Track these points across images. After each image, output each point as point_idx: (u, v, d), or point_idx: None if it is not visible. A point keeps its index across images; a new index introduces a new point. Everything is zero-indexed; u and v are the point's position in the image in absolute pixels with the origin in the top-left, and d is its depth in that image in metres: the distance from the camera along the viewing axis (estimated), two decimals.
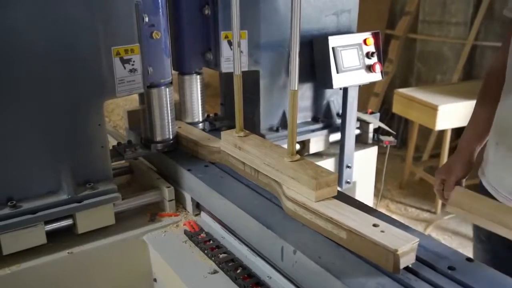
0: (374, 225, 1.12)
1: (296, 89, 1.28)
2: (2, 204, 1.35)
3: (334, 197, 1.28)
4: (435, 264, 1.09)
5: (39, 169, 1.40)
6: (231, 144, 1.57)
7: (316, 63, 2.02)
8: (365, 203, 1.37)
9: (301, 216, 1.26)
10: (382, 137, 2.22)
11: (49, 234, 1.41)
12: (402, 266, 1.05)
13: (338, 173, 2.12)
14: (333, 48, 1.92)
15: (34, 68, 1.33)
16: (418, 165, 4.67)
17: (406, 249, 1.04)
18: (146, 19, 1.52)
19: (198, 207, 1.63)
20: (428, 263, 1.10)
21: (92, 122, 1.45)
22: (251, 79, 1.97)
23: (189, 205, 1.63)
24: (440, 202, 4.25)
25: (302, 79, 2.02)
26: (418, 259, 1.09)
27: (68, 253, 1.40)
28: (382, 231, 1.09)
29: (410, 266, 1.07)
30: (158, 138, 1.72)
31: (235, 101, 1.58)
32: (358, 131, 2.22)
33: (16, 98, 1.32)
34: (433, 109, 3.90)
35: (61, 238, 1.44)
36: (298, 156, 1.36)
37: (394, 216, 4.45)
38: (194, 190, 1.59)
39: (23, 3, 1.27)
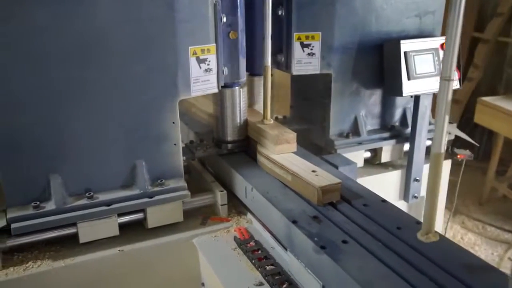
0: (313, 171, 1.54)
1: (269, 65, 1.71)
2: (80, 195, 1.50)
3: (295, 153, 1.69)
4: (353, 201, 1.48)
5: (115, 163, 1.54)
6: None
7: (385, 68, 2.01)
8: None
9: (265, 166, 1.71)
10: (457, 150, 2.16)
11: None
12: (326, 201, 1.45)
13: (404, 187, 2.12)
14: (405, 53, 1.90)
15: (116, 67, 1.46)
16: (502, 180, 4.50)
17: (328, 187, 1.45)
18: (224, 19, 1.61)
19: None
20: (348, 200, 1.48)
21: (167, 120, 1.56)
22: (322, 82, 2.01)
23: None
24: None
25: (371, 84, 2.04)
26: (343, 198, 1.49)
27: (119, 250, 1.51)
28: (317, 175, 1.51)
29: (334, 202, 1.46)
30: (229, 138, 1.83)
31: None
32: (429, 142, 2.16)
33: (98, 96, 1.47)
34: None
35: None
36: (271, 121, 1.80)
37: (469, 234, 4.32)
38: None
39: (110, 4, 1.41)
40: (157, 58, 1.50)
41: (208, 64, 1.58)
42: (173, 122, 1.57)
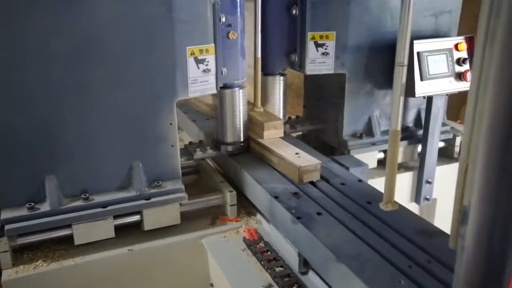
0: (296, 153, 1.63)
1: (259, 57, 1.81)
2: (76, 196, 1.46)
3: (283, 139, 1.78)
4: (331, 180, 1.58)
5: (112, 165, 1.49)
6: None
7: None
8: (447, 222, 1.44)
9: (255, 150, 1.79)
10: None
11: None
12: (306, 180, 1.55)
13: (416, 189, 2.02)
14: (418, 53, 1.81)
15: (114, 67, 1.41)
16: None
17: (308, 167, 1.54)
18: (223, 19, 1.55)
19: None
20: (327, 179, 1.59)
21: (164, 121, 1.51)
22: (336, 82, 1.93)
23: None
24: None
25: (386, 85, 1.95)
26: (323, 178, 1.59)
27: (128, 250, 1.47)
28: (299, 157, 1.60)
29: (314, 181, 1.56)
30: (229, 140, 1.76)
31: None
32: (442, 144, 2.08)
33: (95, 97, 1.42)
34: None
35: (122, 235, 1.52)
36: (261, 108, 1.90)
37: None
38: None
39: (109, 4, 1.36)
40: (155, 58, 1.45)
41: (207, 65, 1.52)
42: (170, 124, 1.51)
